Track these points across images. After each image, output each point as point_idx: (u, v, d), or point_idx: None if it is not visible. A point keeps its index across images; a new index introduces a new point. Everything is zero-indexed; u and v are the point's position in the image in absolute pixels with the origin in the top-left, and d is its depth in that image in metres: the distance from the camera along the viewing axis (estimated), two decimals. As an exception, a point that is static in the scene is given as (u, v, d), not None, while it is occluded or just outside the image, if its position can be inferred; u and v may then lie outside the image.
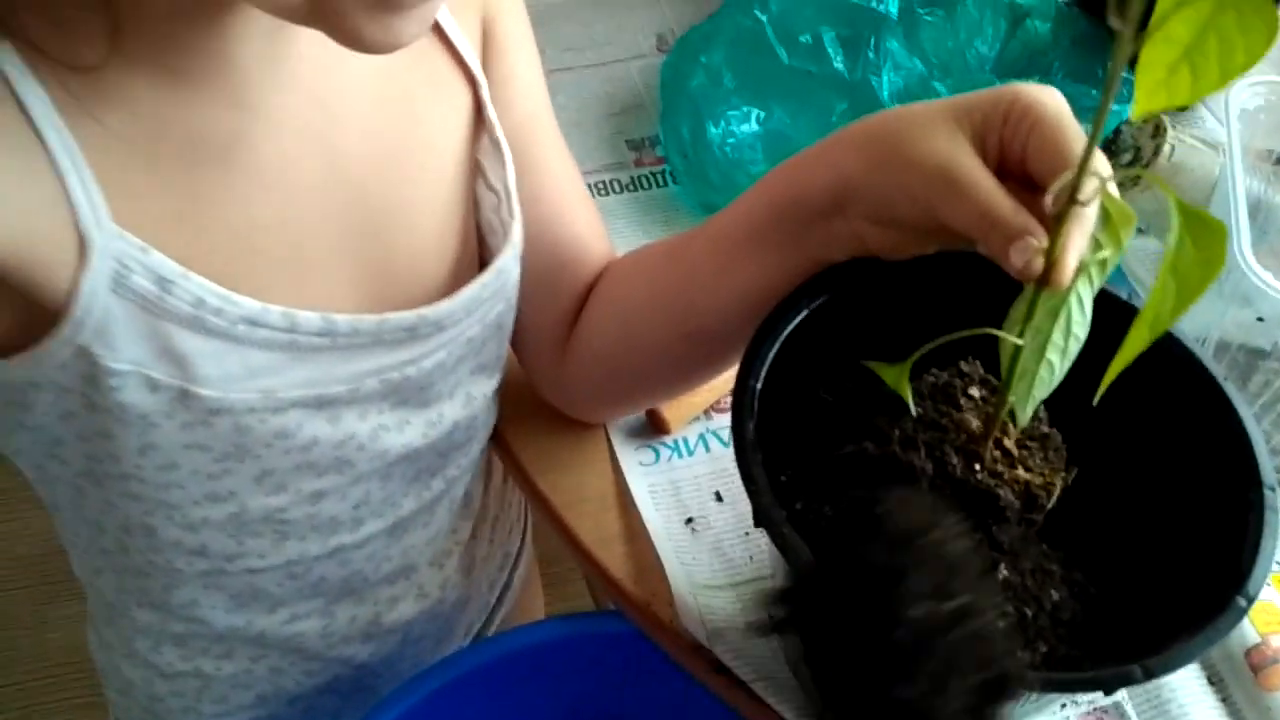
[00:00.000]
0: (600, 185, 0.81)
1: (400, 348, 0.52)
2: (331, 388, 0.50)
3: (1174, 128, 0.67)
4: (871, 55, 0.77)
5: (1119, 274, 0.77)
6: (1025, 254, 0.39)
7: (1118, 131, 0.70)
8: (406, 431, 0.55)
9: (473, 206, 0.57)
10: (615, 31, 0.92)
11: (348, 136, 0.50)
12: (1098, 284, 0.41)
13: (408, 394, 0.54)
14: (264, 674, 0.65)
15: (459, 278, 0.55)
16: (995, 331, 0.41)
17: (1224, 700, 0.59)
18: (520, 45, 0.58)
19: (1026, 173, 0.42)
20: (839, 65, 0.77)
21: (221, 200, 0.46)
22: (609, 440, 0.67)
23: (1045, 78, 0.77)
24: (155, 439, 0.48)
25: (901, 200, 0.44)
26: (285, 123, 0.47)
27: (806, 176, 0.49)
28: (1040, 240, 0.39)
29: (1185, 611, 0.41)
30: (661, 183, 0.82)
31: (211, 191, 0.45)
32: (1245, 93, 0.63)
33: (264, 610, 0.61)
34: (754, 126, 0.77)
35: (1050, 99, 0.42)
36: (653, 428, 0.68)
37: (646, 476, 0.66)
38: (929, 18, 0.78)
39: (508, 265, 0.55)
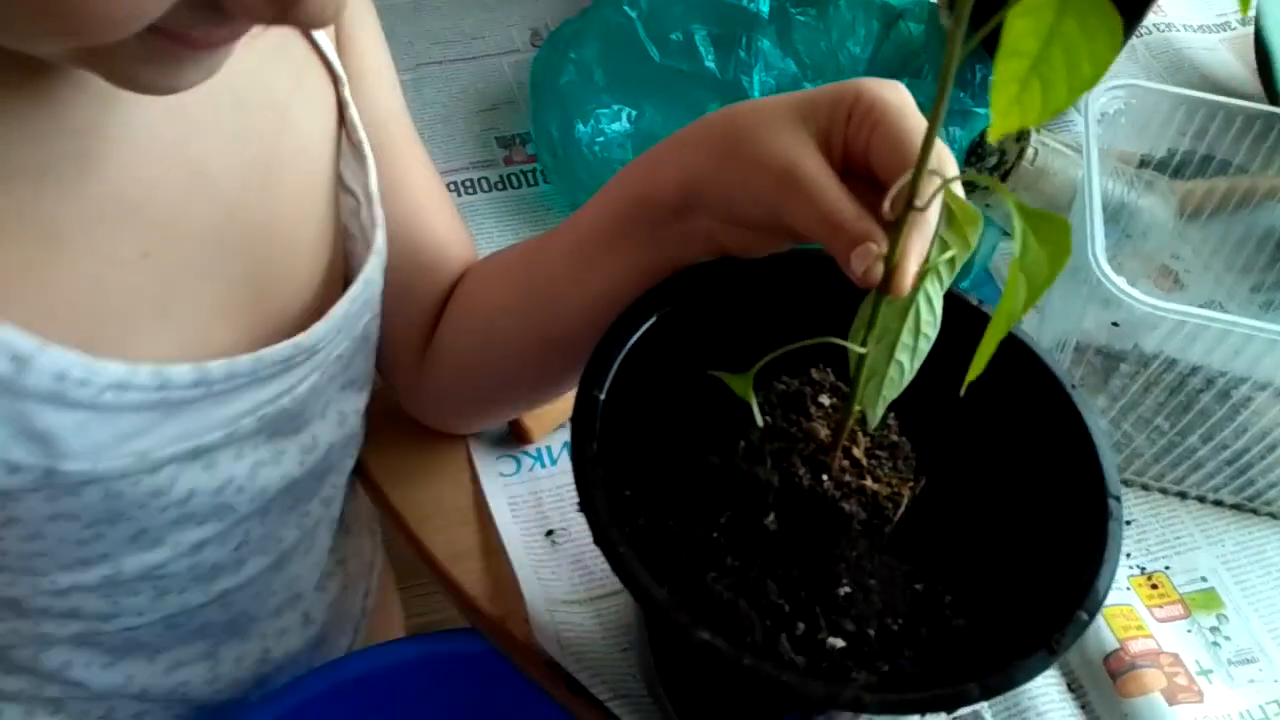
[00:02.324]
0: (469, 183, 0.79)
1: (275, 380, 0.48)
2: (207, 436, 0.46)
3: (1038, 131, 0.67)
4: (743, 54, 0.76)
5: (986, 278, 0.77)
6: (865, 260, 0.38)
7: (983, 135, 0.70)
8: (283, 462, 0.51)
9: (339, 215, 0.53)
10: (487, 25, 0.89)
11: (211, 148, 0.45)
12: (947, 283, 0.40)
13: (282, 424, 0.51)
14: None
15: (329, 293, 0.52)
16: (838, 340, 0.39)
17: (1083, 707, 0.58)
18: (371, 38, 0.55)
19: (872, 172, 0.41)
20: (710, 64, 0.76)
21: (73, 242, 0.41)
22: (468, 451, 0.65)
23: (917, 80, 0.77)
24: (18, 513, 0.43)
25: (747, 200, 0.43)
26: (140, 141, 0.42)
27: (656, 175, 0.47)
28: (881, 246, 0.38)
29: (1031, 625, 0.40)
30: (532, 181, 0.79)
31: (60, 233, 0.40)
32: (1104, 96, 0.64)
33: (143, 660, 0.56)
34: (624, 125, 0.75)
35: (893, 95, 0.41)
36: (515, 437, 0.65)
37: (507, 488, 0.64)
38: (801, 18, 0.77)
39: (373, 274, 0.52)
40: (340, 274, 0.54)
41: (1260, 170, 0.74)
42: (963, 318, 0.44)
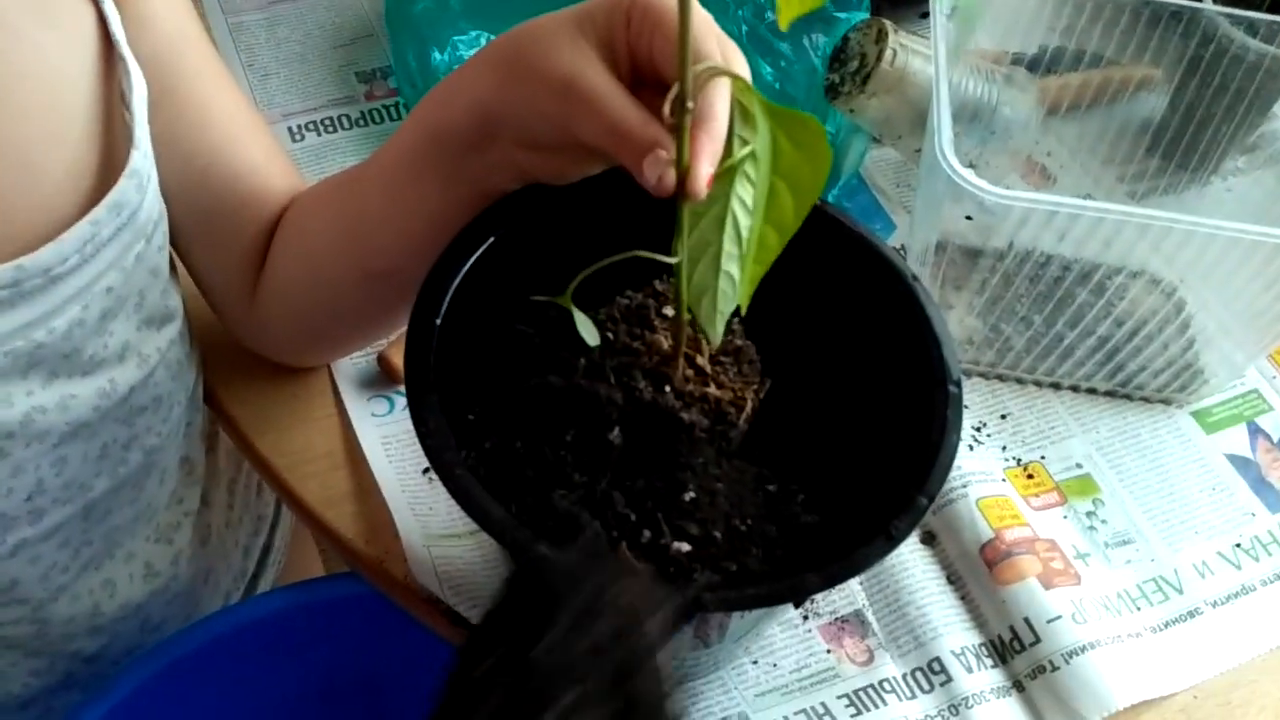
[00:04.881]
0: (328, 121, 0.76)
1: (13, 309, 0.45)
2: None
3: (896, 32, 0.67)
4: (600, -29, 0.74)
5: (860, 185, 0.76)
6: (656, 168, 0.37)
7: (846, 39, 0.69)
8: (73, 407, 0.49)
9: (109, 139, 0.50)
10: (342, -42, 0.86)
11: None
12: (759, 181, 0.39)
13: (55, 363, 0.48)
14: None
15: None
16: (646, 254, 0.38)
17: (962, 598, 0.59)
18: None
19: (660, 77, 0.40)
20: (567, -17, 0.74)
21: None
22: (337, 394, 0.63)
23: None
24: None
25: (538, 121, 0.42)
26: None
27: (448, 106, 0.45)
28: (669, 151, 0.37)
29: (875, 514, 0.40)
30: (395, 116, 0.77)
31: None
32: (954, -10, 0.63)
33: None
34: (483, 51, 0.73)
35: None
36: (386, 376, 0.64)
37: (380, 428, 0.62)
38: (658, -71, 0.75)
39: (127, 198, 0.48)
40: None
41: (1130, 61, 0.74)
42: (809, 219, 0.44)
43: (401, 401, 0.64)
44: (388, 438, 0.62)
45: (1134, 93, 0.81)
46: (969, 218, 0.55)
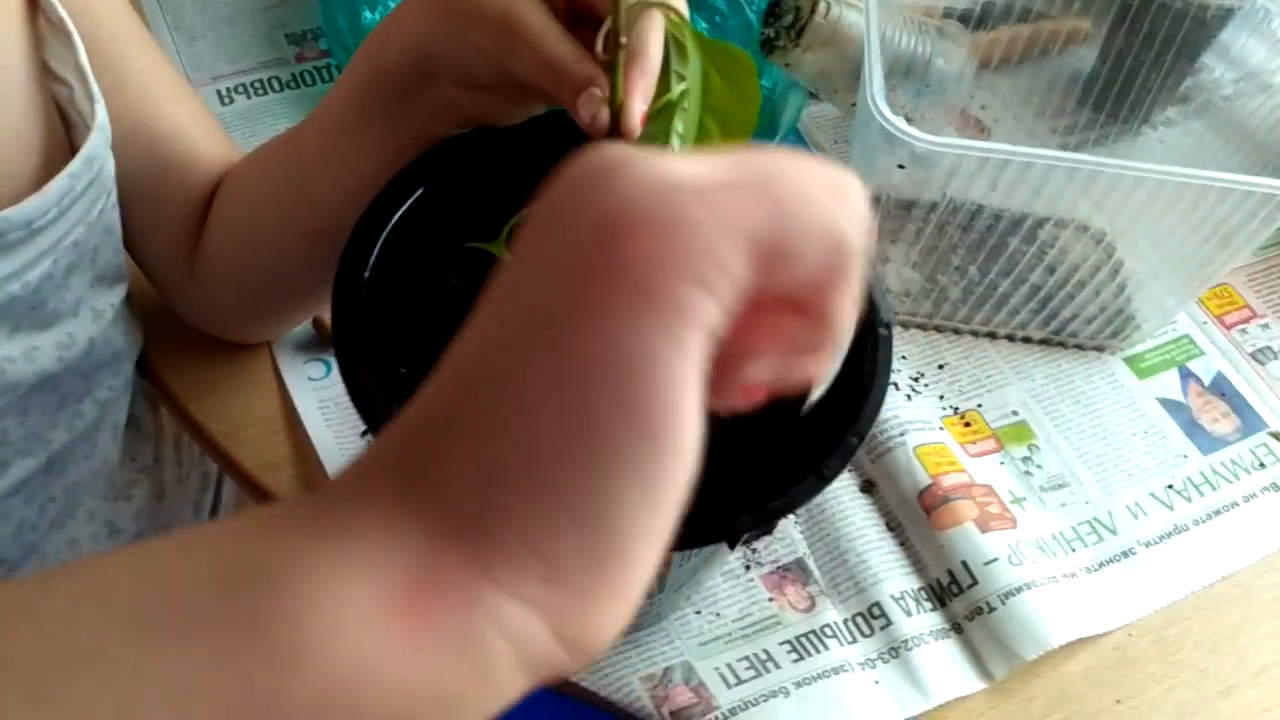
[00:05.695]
0: (258, 84, 0.75)
1: None
2: None
3: (829, -16, 0.67)
4: (532, -74, 0.73)
5: (798, 139, 0.77)
6: (591, 106, 0.37)
7: (780, -8, 0.69)
8: (38, 358, 0.49)
9: (53, 106, 0.50)
10: (270, -83, 0.84)
11: None
12: (691, 118, 0.39)
13: (20, 316, 0.48)
14: None
15: (48, 176, 0.49)
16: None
17: (901, 544, 0.60)
18: None
19: (596, 14, 0.40)
20: (499, -61, 0.73)
21: None
22: (273, 358, 0.63)
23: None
24: None
25: (474, 59, 0.41)
26: None
27: (386, 47, 0.45)
28: (603, 88, 0.37)
29: (808, 455, 0.41)
30: (326, 77, 0.76)
31: None
32: (883, -60, 0.63)
33: None
34: (415, 10, 0.72)
35: None
36: (322, 340, 0.64)
37: (316, 392, 0.62)
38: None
39: (97, 151, 0.49)
40: (64, 161, 0.51)
41: (1061, 13, 0.75)
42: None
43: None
44: (324, 401, 0.61)
45: (1065, 45, 0.81)
46: (902, 166, 0.56)
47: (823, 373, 0.27)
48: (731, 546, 0.40)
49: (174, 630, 0.20)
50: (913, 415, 0.64)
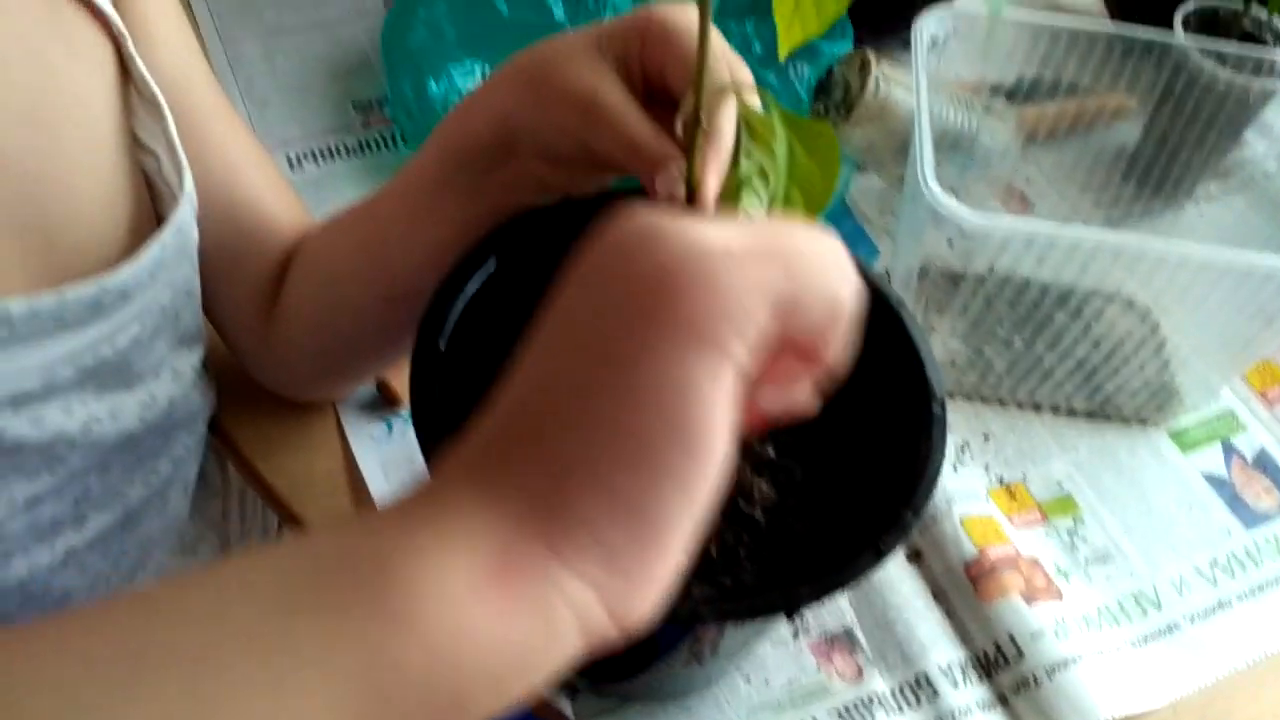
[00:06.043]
0: (326, 150, 0.78)
1: (88, 326, 0.48)
2: (24, 383, 0.46)
3: (879, 64, 0.69)
4: (592, 5, 0.76)
5: (845, 211, 0.78)
6: (667, 183, 0.39)
7: (830, 70, 0.71)
8: (121, 418, 0.51)
9: (140, 174, 0.53)
10: (338, -10, 0.88)
11: None
12: (764, 195, 0.41)
13: (107, 377, 0.50)
14: None
15: (138, 244, 0.51)
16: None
17: (948, 614, 0.61)
18: (159, 2, 0.54)
19: (672, 95, 0.42)
20: (560, 16, 0.76)
21: None
22: (338, 417, 0.65)
23: (766, 19, 0.78)
24: None
25: (557, 135, 0.44)
26: None
27: (471, 121, 0.47)
28: (680, 167, 0.39)
29: (864, 529, 0.42)
30: (391, 144, 0.79)
31: None
32: (932, 21, 0.65)
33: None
34: (478, 80, 0.75)
35: (683, 18, 0.42)
36: (385, 400, 0.66)
37: (379, 451, 0.64)
38: (648, -36, 0.77)
39: (185, 221, 0.52)
40: (150, 228, 0.53)
41: (1106, 90, 0.77)
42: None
43: (400, 425, 0.65)
44: (386, 459, 0.63)
45: (1109, 121, 0.83)
46: (951, 243, 0.57)
47: (811, 404, 0.32)
48: (789, 619, 0.41)
49: (313, 609, 0.25)
50: (959, 486, 0.65)
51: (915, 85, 0.59)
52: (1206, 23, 0.76)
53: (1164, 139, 0.76)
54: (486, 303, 0.47)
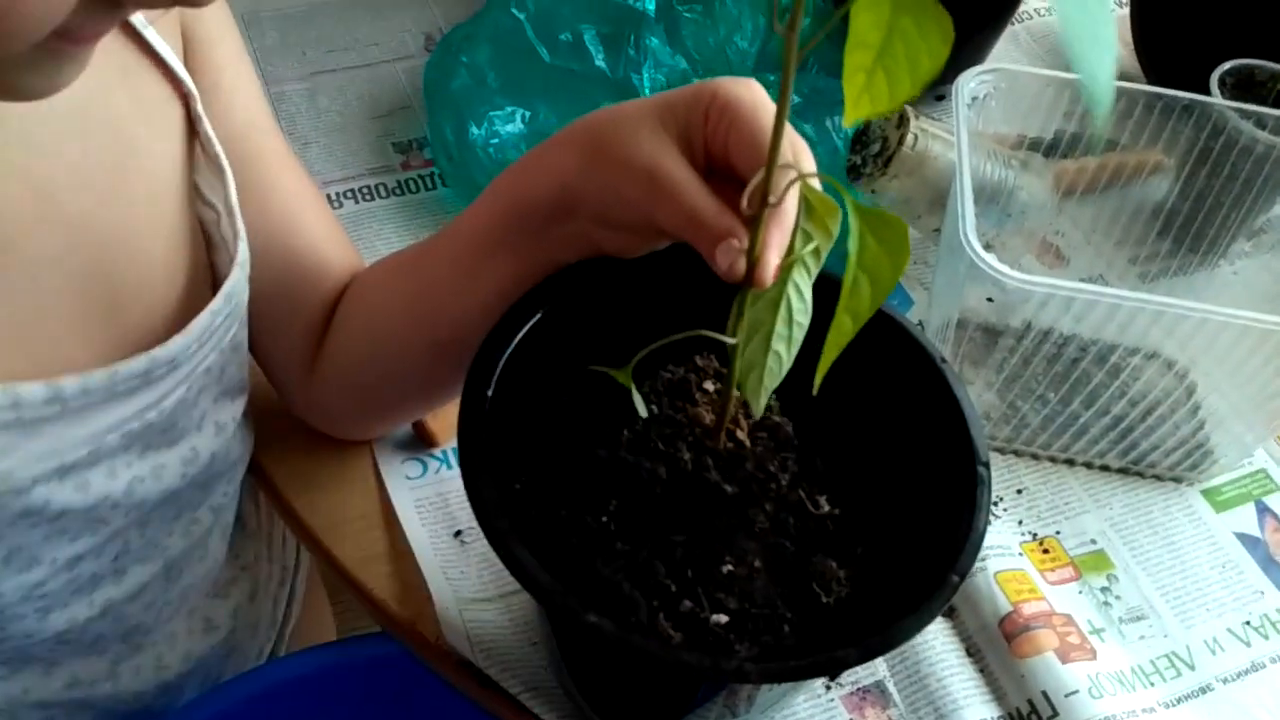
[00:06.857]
0: (366, 190, 0.79)
1: (136, 395, 0.48)
2: (70, 455, 0.46)
3: (917, 117, 0.69)
4: (632, 53, 0.77)
5: (880, 261, 0.79)
6: (729, 256, 0.39)
7: (868, 123, 0.72)
8: (164, 476, 0.52)
9: (198, 227, 0.53)
10: (381, 32, 0.89)
11: (56, 170, 0.45)
12: (814, 273, 0.42)
13: (151, 439, 0.50)
14: None
15: (191, 304, 0.52)
16: (708, 333, 0.40)
17: (981, 670, 0.60)
18: (230, 53, 0.55)
19: (733, 169, 0.43)
20: (601, 63, 0.77)
21: None
22: (373, 456, 0.65)
23: (802, 72, 0.79)
24: None
25: (616, 203, 0.44)
26: None
27: (530, 181, 0.48)
28: (742, 241, 0.39)
29: (908, 590, 0.42)
30: (430, 185, 0.80)
31: None
32: (974, 82, 0.66)
33: (40, 674, 0.55)
34: (518, 126, 0.76)
35: (747, 93, 0.42)
36: (420, 440, 0.66)
37: (413, 491, 0.64)
38: (688, 14, 0.79)
39: (237, 287, 0.52)
40: (204, 285, 0.54)
41: (1142, 148, 0.77)
42: (834, 298, 0.46)
43: (434, 465, 0.65)
44: (420, 500, 0.64)
45: (1145, 178, 0.83)
46: (990, 300, 0.58)
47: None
48: (832, 679, 0.41)
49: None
50: (993, 540, 0.64)
51: (957, 143, 0.59)
52: (1242, 83, 0.76)
53: (1200, 198, 0.77)
54: (532, 350, 0.48)
